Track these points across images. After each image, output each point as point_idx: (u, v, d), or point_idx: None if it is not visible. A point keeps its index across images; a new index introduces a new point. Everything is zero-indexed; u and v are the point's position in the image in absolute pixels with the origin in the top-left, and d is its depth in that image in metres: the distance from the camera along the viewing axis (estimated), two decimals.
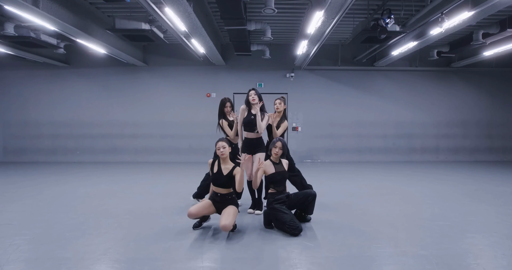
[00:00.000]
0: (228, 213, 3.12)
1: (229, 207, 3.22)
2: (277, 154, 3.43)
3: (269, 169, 3.40)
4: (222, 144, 3.24)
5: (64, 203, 4.35)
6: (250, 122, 3.85)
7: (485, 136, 9.47)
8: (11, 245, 2.82)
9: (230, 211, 3.15)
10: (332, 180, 6.25)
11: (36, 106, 9.13)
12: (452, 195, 4.94)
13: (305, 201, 3.40)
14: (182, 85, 9.15)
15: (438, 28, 5.07)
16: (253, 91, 3.94)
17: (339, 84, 9.25)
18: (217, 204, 3.31)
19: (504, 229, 3.34)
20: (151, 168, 7.80)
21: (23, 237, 3.04)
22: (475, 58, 8.10)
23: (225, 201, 3.29)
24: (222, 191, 3.27)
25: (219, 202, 3.29)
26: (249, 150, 3.90)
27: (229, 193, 3.31)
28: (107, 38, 6.70)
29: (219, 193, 3.28)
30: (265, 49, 8.22)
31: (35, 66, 8.95)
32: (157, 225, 3.42)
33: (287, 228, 3.11)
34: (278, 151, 3.42)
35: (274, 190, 3.39)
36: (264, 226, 3.39)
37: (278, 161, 3.50)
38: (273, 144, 3.44)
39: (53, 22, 5.22)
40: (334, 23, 4.91)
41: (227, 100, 4.19)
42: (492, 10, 4.56)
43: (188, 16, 4.86)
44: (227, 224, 2.96)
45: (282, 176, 3.43)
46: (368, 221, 3.58)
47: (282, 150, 3.43)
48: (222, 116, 4.15)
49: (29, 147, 9.15)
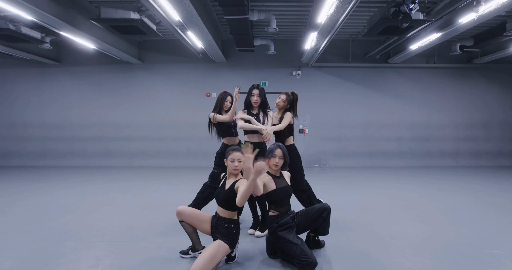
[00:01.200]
0: (206, 252, 2.25)
1: (214, 244, 2.34)
2: (277, 165, 2.66)
3: (269, 185, 2.62)
4: (239, 156, 2.50)
5: (34, 218, 3.71)
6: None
7: (510, 139, 8.68)
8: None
9: (210, 251, 2.26)
10: (344, 189, 5.54)
11: (25, 106, 8.56)
12: (487, 209, 4.21)
13: (318, 218, 2.65)
14: (181, 84, 8.52)
15: (471, 15, 4.37)
16: (257, 90, 3.28)
17: (349, 82, 8.55)
18: (213, 227, 2.53)
19: None
20: (146, 174, 7.16)
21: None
22: (501, 53, 7.33)
23: (220, 229, 2.44)
24: (221, 213, 2.50)
25: (214, 225, 2.52)
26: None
27: (229, 220, 2.46)
28: (95, 31, 6.10)
29: (218, 215, 2.53)
30: (269, 44, 7.56)
31: (23, 64, 8.38)
32: (138, 253, 2.76)
33: (297, 264, 2.39)
34: (278, 161, 2.65)
35: (276, 212, 2.63)
36: (267, 254, 2.70)
37: (279, 174, 2.74)
38: (271, 152, 2.66)
39: (31, 11, 4.61)
40: (350, 8, 4.23)
41: (229, 94, 3.52)
42: None
43: (180, 1, 4.22)
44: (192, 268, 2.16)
45: (286, 193, 2.67)
46: (390, 248, 2.88)
47: (283, 160, 2.67)
48: (217, 111, 3.44)
49: (17, 151, 8.58)
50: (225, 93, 3.51)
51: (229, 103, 3.48)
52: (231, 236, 2.42)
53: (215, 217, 2.55)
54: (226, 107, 3.47)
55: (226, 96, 3.49)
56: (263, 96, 3.39)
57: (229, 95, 3.52)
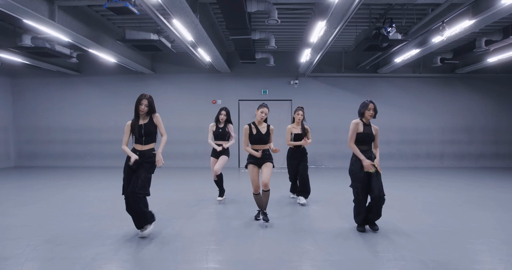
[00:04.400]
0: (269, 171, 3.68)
1: (269, 165, 3.71)
2: (371, 116, 3.40)
3: (359, 128, 3.41)
4: (266, 111, 3.72)
5: (76, 206, 4.54)
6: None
7: (491, 142, 9.43)
8: (28, 246, 2.99)
9: (269, 169, 3.70)
10: (336, 186, 6.33)
11: (48, 112, 9.44)
12: (455, 201, 4.99)
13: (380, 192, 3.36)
14: (189, 92, 9.36)
15: (440, 37, 5.18)
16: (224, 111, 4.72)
17: (342, 90, 9.36)
18: (263, 159, 3.72)
19: (503, 235, 3.39)
20: (158, 174, 7.97)
21: (39, 238, 3.21)
22: (479, 65, 8.15)
23: (268, 156, 3.75)
24: (264, 147, 3.75)
25: (263, 157, 3.71)
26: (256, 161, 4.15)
27: (268, 149, 3.77)
28: (117, 48, 6.96)
29: (261, 150, 3.71)
30: (269, 57, 8.40)
31: (48, 74, 9.28)
32: (166, 226, 3.56)
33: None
34: (372, 113, 3.40)
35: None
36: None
37: (368, 123, 3.48)
38: (366, 106, 3.40)
39: (67, 33, 5.50)
40: (336, 32, 5.06)
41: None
42: (492, 18, 4.66)
43: (194, 27, 5.07)
44: (268, 184, 3.60)
45: (368, 137, 3.43)
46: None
47: (375, 111, 3.43)
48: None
49: (41, 152, 9.44)
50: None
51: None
52: (272, 157, 3.84)
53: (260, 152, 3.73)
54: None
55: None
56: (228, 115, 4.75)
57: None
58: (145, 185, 3.18)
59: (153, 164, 3.29)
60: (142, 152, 3.26)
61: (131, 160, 3.13)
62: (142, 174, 3.19)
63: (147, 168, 3.23)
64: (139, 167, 3.22)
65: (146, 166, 3.23)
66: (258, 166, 3.77)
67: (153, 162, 3.28)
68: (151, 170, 3.30)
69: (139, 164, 3.21)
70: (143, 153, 3.26)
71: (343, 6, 4.18)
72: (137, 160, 3.18)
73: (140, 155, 3.22)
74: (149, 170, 3.27)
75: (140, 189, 3.13)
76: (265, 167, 3.74)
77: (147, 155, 3.26)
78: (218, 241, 3.18)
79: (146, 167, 3.23)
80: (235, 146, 9.19)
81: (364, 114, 3.41)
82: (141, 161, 3.22)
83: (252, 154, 3.74)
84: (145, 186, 3.18)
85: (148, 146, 3.32)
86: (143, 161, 3.23)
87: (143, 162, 3.23)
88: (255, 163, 3.75)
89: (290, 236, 3.34)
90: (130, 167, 3.21)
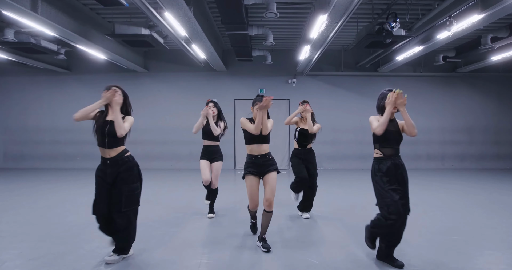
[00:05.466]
0: (273, 184, 2.89)
1: (273, 176, 2.92)
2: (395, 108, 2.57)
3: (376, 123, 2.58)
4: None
5: (59, 214, 4.21)
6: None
7: (492, 143, 9.25)
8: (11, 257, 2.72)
9: (274, 182, 2.90)
10: (338, 189, 6.07)
11: (37, 112, 9.06)
12: (462, 205, 4.75)
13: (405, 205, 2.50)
14: (183, 91, 9.05)
15: (446, 32, 4.95)
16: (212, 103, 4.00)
17: (341, 89, 9.12)
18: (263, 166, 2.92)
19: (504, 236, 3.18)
20: (151, 176, 7.66)
21: (11, 251, 2.90)
22: (482, 63, 7.94)
23: (266, 163, 2.92)
24: (265, 149, 2.95)
25: (263, 164, 2.92)
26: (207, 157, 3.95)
27: (269, 153, 2.99)
28: (107, 44, 6.64)
29: (260, 155, 2.93)
30: (266, 54, 8.13)
31: (36, 72, 8.91)
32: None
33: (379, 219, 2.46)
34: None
35: (380, 153, 2.56)
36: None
37: (393, 117, 2.64)
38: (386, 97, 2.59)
39: (52, 27, 5.16)
40: (338, 27, 4.80)
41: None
42: (502, 13, 4.43)
43: (188, 20, 4.78)
44: (272, 202, 2.88)
45: (392, 135, 2.56)
46: None
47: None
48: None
49: (29, 153, 9.06)
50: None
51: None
52: (275, 162, 3.02)
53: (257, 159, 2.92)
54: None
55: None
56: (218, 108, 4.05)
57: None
58: (132, 200, 2.57)
59: (133, 170, 2.59)
60: (112, 159, 2.55)
61: None
62: (124, 188, 2.52)
63: (127, 179, 2.55)
64: (116, 179, 2.53)
65: (125, 177, 2.54)
66: (259, 176, 2.96)
67: (132, 168, 2.59)
68: (135, 178, 2.61)
69: (114, 176, 2.53)
70: (114, 160, 2.55)
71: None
72: (109, 171, 2.52)
73: (111, 164, 2.54)
74: (133, 180, 2.58)
75: (127, 206, 2.53)
76: (269, 178, 2.92)
77: (120, 162, 2.55)
78: (212, 253, 2.88)
79: (125, 179, 2.54)
80: (231, 146, 8.90)
81: (384, 109, 2.59)
82: (115, 171, 2.53)
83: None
84: (133, 201, 2.58)
85: (115, 150, 2.56)
86: (118, 172, 2.53)
87: (118, 172, 2.53)
88: (256, 173, 2.94)
89: (291, 248, 3.02)
90: (104, 179, 2.55)
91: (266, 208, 2.90)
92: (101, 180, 2.57)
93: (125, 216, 2.55)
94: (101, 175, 2.57)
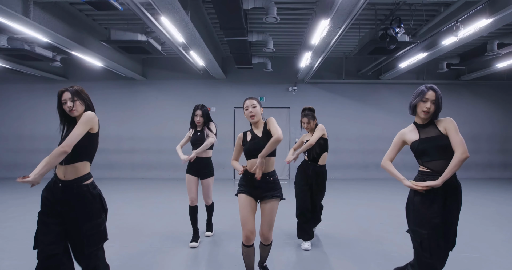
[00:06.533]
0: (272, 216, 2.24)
1: (273, 205, 2.26)
2: (427, 112, 2.05)
3: (409, 137, 2.14)
4: (251, 103, 2.32)
5: None
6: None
7: (499, 151, 9.01)
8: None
9: (273, 213, 2.24)
10: (342, 200, 5.81)
11: (33, 120, 8.87)
12: (472, 218, 4.49)
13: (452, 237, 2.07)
14: (182, 99, 8.88)
15: (452, 38, 4.78)
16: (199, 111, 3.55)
17: (343, 97, 8.94)
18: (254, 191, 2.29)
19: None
20: (147, 186, 7.41)
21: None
22: (486, 71, 7.78)
23: (265, 186, 2.27)
24: (266, 168, 2.28)
25: (257, 187, 2.28)
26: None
27: (272, 172, 2.31)
28: (104, 50, 6.49)
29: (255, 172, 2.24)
30: (267, 62, 7.98)
31: (32, 80, 8.75)
32: None
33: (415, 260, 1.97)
34: (430, 107, 2.03)
35: (426, 168, 2.05)
36: None
37: (429, 121, 2.10)
38: (422, 94, 2.04)
39: (45, 33, 5.00)
40: (341, 32, 4.64)
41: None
42: (511, 18, 4.27)
43: (185, 25, 4.62)
44: (270, 236, 2.27)
45: (435, 144, 2.03)
46: (388, 254, 3.14)
47: (435, 105, 2.03)
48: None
49: (24, 162, 8.81)
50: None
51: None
52: (279, 186, 2.33)
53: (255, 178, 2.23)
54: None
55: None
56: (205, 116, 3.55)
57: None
58: (98, 238, 1.86)
59: (95, 203, 1.86)
60: (66, 184, 1.84)
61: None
62: (85, 227, 1.80)
63: (87, 215, 1.82)
64: (69, 213, 1.82)
65: (84, 212, 1.82)
66: (255, 198, 2.35)
67: (94, 200, 1.86)
68: (98, 211, 1.87)
69: (67, 206, 1.82)
70: (67, 186, 1.83)
71: (349, 2, 3.75)
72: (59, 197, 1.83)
73: (62, 190, 1.83)
74: (95, 214, 1.85)
75: (91, 246, 1.82)
76: (266, 208, 2.28)
77: (76, 191, 1.83)
78: None
79: (85, 215, 1.82)
80: (229, 156, 8.64)
81: (416, 109, 2.09)
82: (66, 201, 1.82)
83: (242, 173, 2.30)
84: (99, 238, 1.87)
85: (74, 168, 1.86)
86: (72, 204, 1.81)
87: (73, 205, 1.81)
88: (251, 193, 2.32)
89: None
90: (53, 204, 1.84)
91: (264, 241, 2.37)
92: (48, 204, 1.86)
93: (91, 256, 1.85)
94: (50, 198, 1.86)
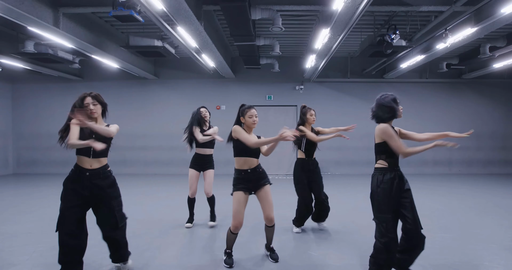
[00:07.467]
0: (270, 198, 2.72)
1: (267, 190, 2.74)
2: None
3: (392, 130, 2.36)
4: (255, 112, 2.74)
5: None
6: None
7: (500, 148, 9.26)
8: (35, 252, 2.99)
9: (270, 196, 2.73)
10: (344, 193, 6.21)
11: (49, 118, 9.35)
12: (460, 208, 4.92)
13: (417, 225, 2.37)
14: (192, 98, 9.27)
15: (443, 44, 5.08)
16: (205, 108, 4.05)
17: (348, 96, 9.25)
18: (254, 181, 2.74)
19: (504, 241, 3.39)
20: (158, 181, 7.86)
21: (44, 245, 3.19)
22: (485, 70, 8.02)
23: (258, 177, 2.74)
24: (255, 163, 2.77)
25: (255, 179, 2.74)
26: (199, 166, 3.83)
27: (259, 165, 2.80)
28: (120, 53, 6.91)
29: (250, 169, 2.74)
30: (274, 62, 8.32)
31: (49, 80, 9.23)
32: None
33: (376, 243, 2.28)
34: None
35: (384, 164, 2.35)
36: None
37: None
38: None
39: (71, 40, 5.44)
40: (340, 39, 4.97)
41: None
42: (495, 26, 4.58)
43: (199, 34, 4.99)
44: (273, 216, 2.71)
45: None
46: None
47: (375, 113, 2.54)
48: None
49: (41, 159, 9.35)
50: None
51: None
52: (266, 175, 2.84)
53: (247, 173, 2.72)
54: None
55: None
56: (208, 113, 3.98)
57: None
58: (122, 215, 2.48)
59: (116, 185, 2.48)
60: (94, 172, 2.35)
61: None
62: (114, 203, 2.39)
63: (113, 194, 2.41)
64: (97, 195, 2.34)
65: (111, 192, 2.40)
66: (249, 191, 2.73)
67: (115, 182, 2.47)
68: (119, 192, 2.49)
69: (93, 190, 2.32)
70: (95, 173, 2.35)
71: (346, 15, 4.09)
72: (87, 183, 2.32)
73: (90, 177, 2.33)
74: (118, 194, 2.48)
75: (121, 220, 2.45)
76: (264, 193, 2.73)
77: (102, 176, 2.38)
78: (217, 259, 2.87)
79: (111, 194, 2.40)
80: (230, 150, 9.05)
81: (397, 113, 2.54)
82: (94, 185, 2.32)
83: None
84: (122, 215, 2.48)
85: (100, 161, 2.41)
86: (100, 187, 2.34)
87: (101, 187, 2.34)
88: (246, 189, 2.71)
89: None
90: (80, 192, 2.29)
91: (268, 223, 2.76)
92: (74, 193, 2.31)
93: (122, 231, 2.49)
94: (76, 187, 2.31)
